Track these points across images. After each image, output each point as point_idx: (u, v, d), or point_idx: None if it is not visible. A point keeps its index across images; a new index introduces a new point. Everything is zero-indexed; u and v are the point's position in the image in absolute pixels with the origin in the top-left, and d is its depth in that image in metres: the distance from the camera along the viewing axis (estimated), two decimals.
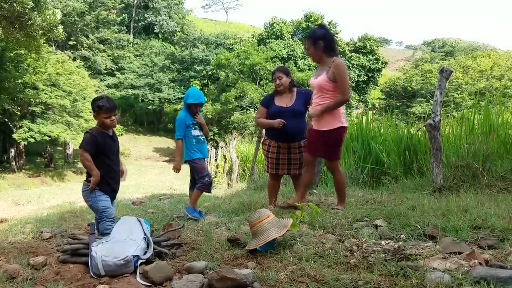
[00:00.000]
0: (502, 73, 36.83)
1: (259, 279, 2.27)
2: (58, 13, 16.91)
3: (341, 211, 3.74)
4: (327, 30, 3.86)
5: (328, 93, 3.66)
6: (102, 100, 3.49)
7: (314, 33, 3.79)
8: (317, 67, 3.95)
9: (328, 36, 3.75)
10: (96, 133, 3.47)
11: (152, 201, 8.02)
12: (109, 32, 40.86)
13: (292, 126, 4.16)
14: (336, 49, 3.76)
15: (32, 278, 2.57)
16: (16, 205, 9.82)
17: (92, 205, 3.46)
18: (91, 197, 3.44)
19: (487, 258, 2.20)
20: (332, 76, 3.60)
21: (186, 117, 4.50)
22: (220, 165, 14.85)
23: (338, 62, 3.62)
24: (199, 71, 40.21)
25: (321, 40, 3.69)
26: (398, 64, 68.17)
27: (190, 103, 4.49)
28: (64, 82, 24.62)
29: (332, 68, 3.60)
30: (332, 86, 3.62)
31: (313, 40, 3.73)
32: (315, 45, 3.72)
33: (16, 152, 25.65)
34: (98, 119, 3.51)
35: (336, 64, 3.59)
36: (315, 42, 3.72)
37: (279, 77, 4.24)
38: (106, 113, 3.45)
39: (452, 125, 6.14)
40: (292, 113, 4.18)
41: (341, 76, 3.56)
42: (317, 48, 3.72)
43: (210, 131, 32.24)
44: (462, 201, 3.68)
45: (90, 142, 3.41)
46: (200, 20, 75.93)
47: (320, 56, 3.75)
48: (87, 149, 3.39)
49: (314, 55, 3.79)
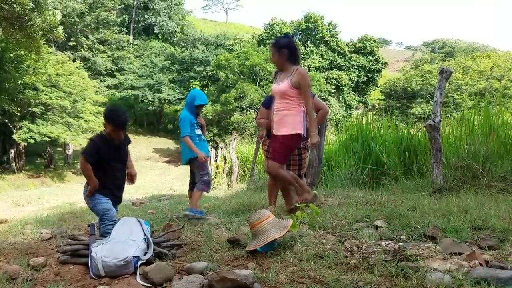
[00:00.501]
0: (502, 73, 36.87)
1: (259, 280, 2.27)
2: (58, 14, 16.93)
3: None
4: (291, 39, 3.95)
5: (290, 99, 3.75)
6: (115, 115, 3.46)
7: (279, 41, 3.88)
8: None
9: (292, 45, 3.84)
10: (100, 141, 3.45)
11: (152, 201, 8.03)
12: (109, 33, 40.85)
13: None
14: (299, 58, 3.89)
15: (32, 279, 2.57)
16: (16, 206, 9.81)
17: (92, 207, 3.47)
18: (92, 200, 3.45)
19: (488, 259, 2.20)
20: (296, 84, 3.69)
21: (191, 116, 4.64)
22: (220, 166, 14.85)
23: (302, 70, 3.74)
24: (199, 72, 40.20)
25: (285, 49, 3.78)
26: (398, 64, 68.20)
27: (197, 105, 4.63)
28: (64, 83, 24.61)
29: (296, 76, 3.69)
30: (295, 93, 3.72)
31: (277, 48, 3.81)
32: (279, 53, 3.80)
33: (16, 153, 25.63)
34: (105, 128, 3.50)
35: (300, 73, 3.71)
36: (280, 50, 3.80)
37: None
38: (114, 127, 3.45)
39: (452, 126, 6.14)
40: None
41: (305, 85, 3.68)
42: (281, 56, 3.80)
43: (210, 132, 32.29)
44: (462, 201, 3.68)
45: (92, 151, 3.40)
46: (200, 21, 75.94)
47: (283, 63, 3.83)
48: (87, 158, 3.39)
49: (278, 62, 3.87)
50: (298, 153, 4.32)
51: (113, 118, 3.44)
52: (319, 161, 6.46)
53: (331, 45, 40.56)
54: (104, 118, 3.47)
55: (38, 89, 22.94)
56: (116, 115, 3.47)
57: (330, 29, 41.25)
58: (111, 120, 3.43)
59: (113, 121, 3.44)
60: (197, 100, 4.61)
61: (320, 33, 40.44)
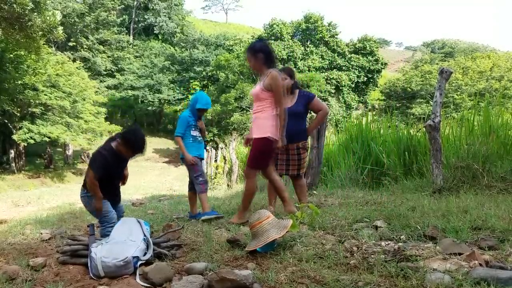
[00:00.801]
0: (501, 74, 36.86)
1: (259, 280, 2.26)
2: (57, 14, 16.92)
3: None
4: (266, 43, 3.99)
5: (264, 102, 3.77)
6: (136, 141, 3.44)
7: (254, 46, 3.91)
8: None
9: (267, 48, 3.86)
10: (110, 155, 3.42)
11: (152, 202, 8.03)
12: (109, 33, 40.87)
13: (290, 127, 4.18)
14: (274, 61, 3.90)
15: (32, 279, 2.56)
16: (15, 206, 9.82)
17: (91, 210, 3.44)
18: (90, 204, 3.44)
19: (487, 259, 2.20)
20: (268, 86, 3.71)
21: (190, 117, 4.62)
22: (220, 166, 14.85)
23: (274, 73, 3.73)
24: (198, 72, 40.20)
25: (260, 53, 3.81)
26: (397, 65, 68.21)
27: (198, 108, 4.60)
28: (64, 83, 24.61)
29: (268, 79, 3.71)
30: (267, 95, 3.74)
31: (253, 53, 3.84)
32: (255, 57, 3.82)
33: (15, 153, 25.64)
34: (120, 147, 3.47)
35: (272, 76, 3.71)
36: (255, 55, 3.83)
37: (283, 78, 4.27)
38: (131, 152, 3.45)
39: (452, 126, 6.15)
40: (291, 114, 4.19)
41: (277, 86, 3.69)
42: (258, 60, 3.83)
43: (210, 132, 32.28)
44: (462, 202, 3.68)
45: (102, 166, 3.36)
46: (200, 21, 75.95)
47: (260, 67, 3.85)
48: (97, 173, 3.34)
49: (255, 66, 3.90)
50: (297, 153, 4.32)
51: (133, 144, 3.43)
52: (319, 161, 6.47)
53: (331, 46, 40.56)
54: (123, 139, 3.43)
55: (38, 89, 22.94)
56: (136, 141, 3.45)
57: (330, 30, 41.26)
58: (131, 145, 3.42)
59: (132, 147, 3.43)
60: (198, 103, 4.60)
61: (320, 34, 40.43)
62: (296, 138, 4.27)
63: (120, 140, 3.48)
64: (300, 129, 4.29)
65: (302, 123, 4.36)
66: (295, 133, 4.23)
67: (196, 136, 4.65)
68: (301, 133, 4.30)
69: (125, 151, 3.45)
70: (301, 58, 39.37)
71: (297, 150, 4.31)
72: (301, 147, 4.33)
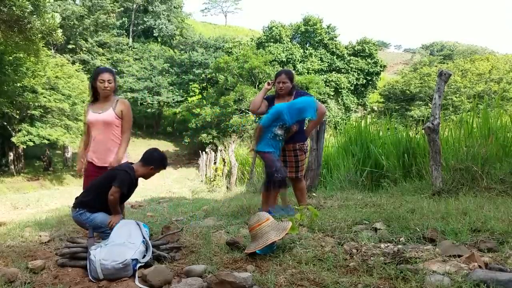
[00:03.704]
0: (500, 76, 36.94)
1: (258, 283, 2.26)
2: (57, 17, 16.91)
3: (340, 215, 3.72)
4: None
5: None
6: (163, 160, 3.60)
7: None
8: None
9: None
10: (133, 176, 3.48)
11: (151, 204, 8.01)
12: (108, 36, 40.88)
13: None
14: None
15: (31, 282, 2.56)
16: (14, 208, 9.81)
17: (90, 225, 3.38)
18: (85, 219, 3.42)
19: (487, 261, 2.20)
20: (119, 113, 3.90)
21: (286, 115, 4.11)
22: (219, 169, 14.84)
23: (126, 102, 4.05)
24: (198, 75, 40.24)
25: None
26: (396, 67, 68.40)
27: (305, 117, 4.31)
28: (63, 85, 24.61)
29: (119, 106, 3.92)
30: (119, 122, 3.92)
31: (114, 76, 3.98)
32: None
33: (15, 155, 25.60)
34: (144, 170, 3.53)
35: (123, 102, 3.97)
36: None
37: (283, 81, 4.27)
38: (158, 170, 3.55)
39: (451, 128, 6.15)
40: None
41: (129, 115, 3.97)
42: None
43: (209, 134, 32.30)
44: (462, 204, 3.68)
45: (127, 185, 3.40)
46: (199, 23, 76.09)
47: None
48: (123, 190, 3.37)
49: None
50: (294, 155, 4.29)
51: (163, 163, 3.57)
52: (318, 164, 6.47)
53: (330, 48, 40.66)
54: (153, 161, 3.53)
55: (37, 91, 22.94)
56: (164, 159, 3.61)
57: (329, 32, 41.39)
58: (161, 165, 3.56)
59: (163, 166, 3.57)
60: (308, 113, 4.15)
61: (319, 36, 40.55)
62: (291, 139, 4.24)
63: (142, 162, 3.56)
64: (298, 130, 4.26)
65: (300, 124, 4.33)
66: (293, 135, 4.22)
67: (278, 135, 4.19)
68: (298, 134, 4.27)
69: (152, 171, 3.55)
70: (300, 61, 39.47)
71: (294, 151, 4.28)
72: (298, 148, 4.28)
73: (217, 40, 45.02)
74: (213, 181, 14.58)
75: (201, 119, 32.72)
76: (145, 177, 3.58)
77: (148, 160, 3.54)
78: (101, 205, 3.41)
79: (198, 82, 41.72)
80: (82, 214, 3.43)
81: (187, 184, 19.23)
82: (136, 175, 3.51)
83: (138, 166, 3.54)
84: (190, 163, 33.29)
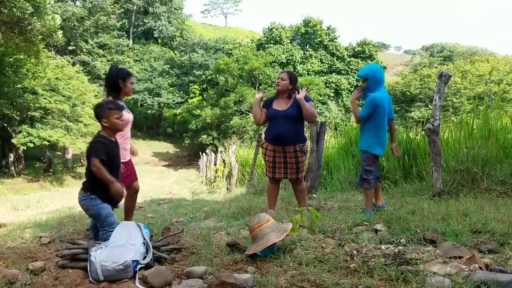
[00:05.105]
0: (500, 77, 36.97)
1: (259, 284, 2.26)
2: (57, 18, 16.92)
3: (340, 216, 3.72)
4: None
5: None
6: (108, 102, 3.46)
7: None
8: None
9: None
10: (106, 141, 3.30)
11: (151, 206, 8.00)
12: (109, 37, 40.92)
13: (284, 129, 4.18)
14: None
15: (31, 283, 2.56)
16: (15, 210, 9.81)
17: (93, 213, 3.33)
18: (93, 206, 3.30)
19: (487, 263, 2.20)
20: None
21: (381, 99, 4.20)
22: (219, 170, 14.84)
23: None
24: (198, 76, 40.25)
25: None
26: (396, 68, 68.39)
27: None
28: (64, 87, 24.60)
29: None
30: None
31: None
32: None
33: (15, 157, 25.59)
34: (106, 124, 3.33)
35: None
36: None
37: (282, 78, 4.34)
38: (114, 113, 3.32)
39: (451, 130, 6.15)
40: (285, 116, 4.20)
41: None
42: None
43: (209, 135, 32.30)
44: (462, 205, 3.68)
45: (101, 149, 3.22)
46: (199, 25, 76.18)
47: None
48: (98, 156, 3.17)
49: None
50: (294, 156, 4.29)
51: (108, 103, 3.39)
52: (318, 165, 6.47)
53: (330, 49, 40.68)
54: (102, 112, 3.32)
55: (37, 93, 22.93)
56: (105, 102, 3.47)
57: (329, 33, 41.41)
58: (109, 106, 3.34)
59: (111, 104, 3.37)
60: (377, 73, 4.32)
61: (319, 37, 40.58)
62: (290, 140, 4.23)
63: (99, 120, 3.39)
64: (294, 131, 4.25)
65: (299, 125, 4.32)
66: (289, 136, 4.20)
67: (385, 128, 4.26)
68: (296, 136, 4.26)
69: (107, 123, 3.32)
70: (300, 62, 39.50)
71: (294, 153, 4.28)
72: (299, 150, 4.28)
73: (217, 41, 45.05)
74: (213, 182, 14.57)
75: (201, 120, 32.72)
76: (116, 128, 3.38)
77: (98, 115, 3.36)
78: (98, 183, 3.26)
79: (198, 84, 41.71)
80: (92, 200, 3.29)
81: (187, 186, 19.20)
82: (106, 136, 3.35)
83: (101, 128, 3.40)
84: (190, 164, 33.30)
